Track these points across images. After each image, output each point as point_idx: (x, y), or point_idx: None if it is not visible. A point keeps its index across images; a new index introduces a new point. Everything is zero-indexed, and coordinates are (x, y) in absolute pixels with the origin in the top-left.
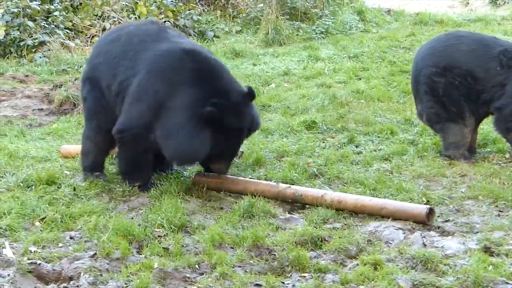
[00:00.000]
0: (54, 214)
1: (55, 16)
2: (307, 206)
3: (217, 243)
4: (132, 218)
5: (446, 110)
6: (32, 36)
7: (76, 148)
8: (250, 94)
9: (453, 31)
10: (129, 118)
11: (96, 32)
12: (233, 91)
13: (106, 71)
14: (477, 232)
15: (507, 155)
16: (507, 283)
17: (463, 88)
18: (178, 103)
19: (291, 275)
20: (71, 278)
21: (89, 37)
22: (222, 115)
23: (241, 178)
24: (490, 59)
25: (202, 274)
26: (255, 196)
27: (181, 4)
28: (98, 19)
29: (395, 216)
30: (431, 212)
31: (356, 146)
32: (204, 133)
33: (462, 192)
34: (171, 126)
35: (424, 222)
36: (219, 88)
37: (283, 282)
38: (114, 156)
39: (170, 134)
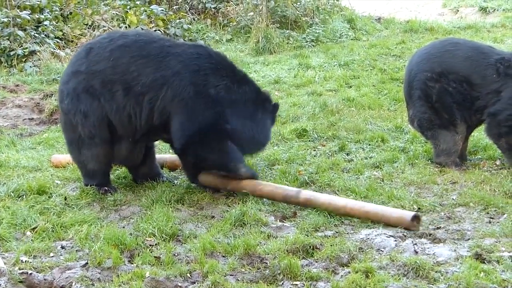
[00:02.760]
0: (45, 224)
1: (45, 25)
2: (299, 214)
3: (209, 252)
4: (123, 227)
5: (438, 116)
6: (22, 46)
7: (66, 157)
8: None
9: (448, 38)
10: (196, 120)
11: (86, 41)
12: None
13: (122, 73)
14: (468, 239)
15: (498, 162)
16: None
17: (458, 94)
18: (239, 96)
19: (282, 283)
20: None
21: (79, 46)
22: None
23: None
24: (487, 66)
25: (194, 283)
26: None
27: (172, 13)
28: (88, 28)
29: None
30: (416, 218)
31: (347, 154)
32: (268, 123)
33: (453, 199)
34: (243, 118)
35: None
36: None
37: None
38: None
39: (245, 125)
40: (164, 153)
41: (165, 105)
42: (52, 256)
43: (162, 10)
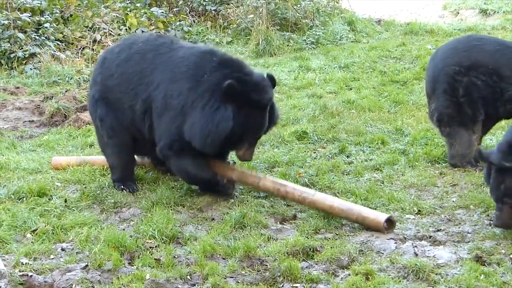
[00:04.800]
0: (45, 226)
1: (46, 28)
2: (299, 216)
3: (209, 254)
4: (123, 229)
5: (460, 112)
6: (22, 48)
7: (67, 159)
8: (272, 77)
9: (471, 34)
10: (165, 132)
11: (87, 43)
12: (254, 73)
13: (125, 92)
14: (469, 242)
15: None
16: None
17: (486, 87)
18: (199, 91)
19: (283, 286)
20: None
21: (80, 48)
22: (244, 89)
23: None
24: None
25: (194, 285)
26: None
27: (172, 15)
28: (88, 30)
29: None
30: (390, 221)
31: (347, 156)
32: (225, 107)
33: (453, 201)
34: (194, 114)
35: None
36: (240, 70)
37: None
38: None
39: (194, 122)
40: None
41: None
42: (53, 258)
43: (163, 12)
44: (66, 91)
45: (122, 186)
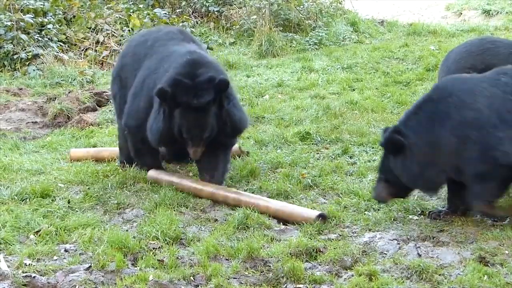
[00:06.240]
0: (48, 227)
1: (49, 29)
2: None
3: (212, 255)
4: (127, 230)
5: None
6: (25, 49)
7: (84, 151)
8: (221, 81)
9: (483, 37)
10: (136, 113)
11: (90, 44)
12: (200, 76)
13: (131, 72)
14: (472, 242)
15: None
16: None
17: None
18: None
19: (286, 286)
20: None
21: (83, 49)
22: (176, 91)
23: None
24: None
25: (197, 286)
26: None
27: (175, 16)
28: (91, 31)
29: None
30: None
31: (350, 157)
32: (160, 109)
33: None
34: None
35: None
36: (187, 72)
37: None
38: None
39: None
40: None
41: None
42: (56, 259)
43: (165, 13)
44: (69, 92)
45: (125, 167)
